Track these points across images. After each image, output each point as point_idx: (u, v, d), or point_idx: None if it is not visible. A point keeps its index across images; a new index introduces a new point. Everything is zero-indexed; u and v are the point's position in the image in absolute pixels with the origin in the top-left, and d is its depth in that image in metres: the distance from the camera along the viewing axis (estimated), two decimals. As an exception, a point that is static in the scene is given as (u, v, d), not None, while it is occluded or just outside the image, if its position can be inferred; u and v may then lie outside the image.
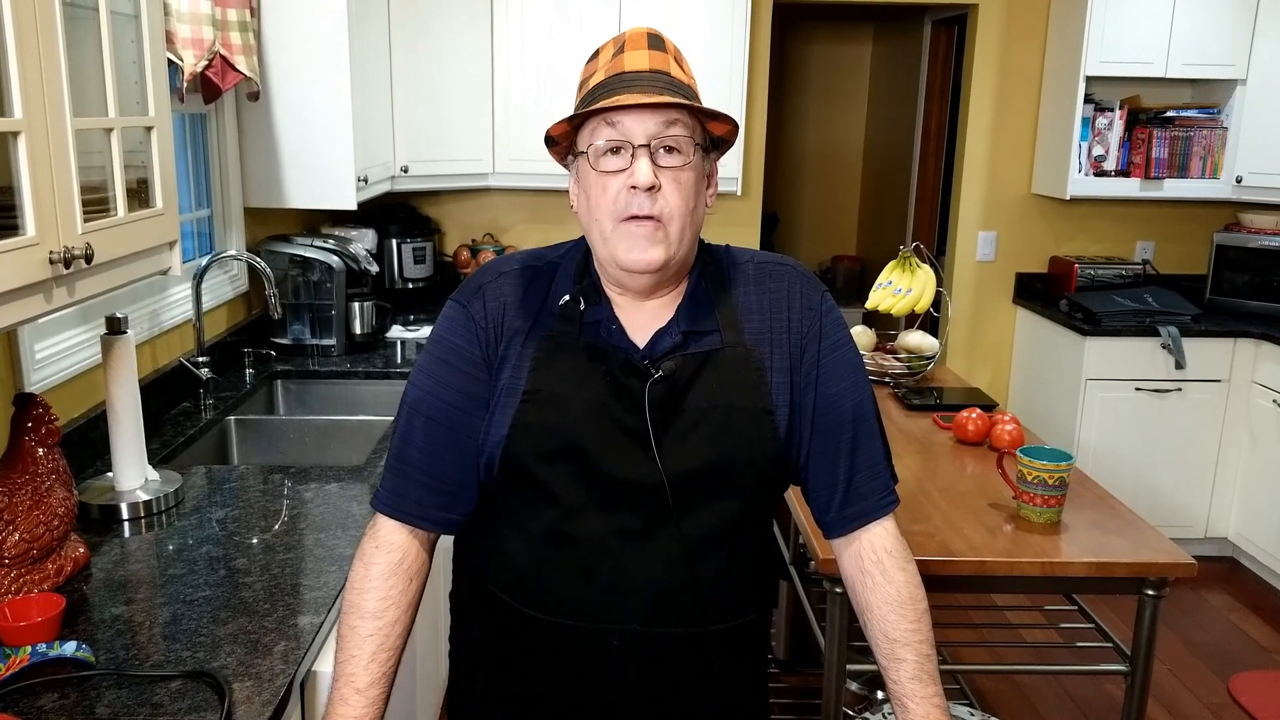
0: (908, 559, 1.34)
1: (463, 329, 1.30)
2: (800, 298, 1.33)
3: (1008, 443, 2.42)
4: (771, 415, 1.27)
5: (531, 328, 1.29)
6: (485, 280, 1.34)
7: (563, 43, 3.93)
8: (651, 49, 1.25)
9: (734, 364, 1.28)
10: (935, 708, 1.29)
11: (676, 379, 1.25)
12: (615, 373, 1.25)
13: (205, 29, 2.42)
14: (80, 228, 1.50)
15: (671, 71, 1.24)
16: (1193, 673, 3.41)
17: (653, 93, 1.20)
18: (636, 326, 1.29)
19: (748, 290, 1.32)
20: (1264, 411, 4.02)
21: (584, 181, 1.27)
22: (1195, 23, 4.10)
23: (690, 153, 1.22)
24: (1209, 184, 4.32)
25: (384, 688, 1.28)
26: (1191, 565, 1.93)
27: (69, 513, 1.67)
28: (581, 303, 1.28)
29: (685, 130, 1.22)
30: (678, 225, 1.23)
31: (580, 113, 1.23)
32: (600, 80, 1.24)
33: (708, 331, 1.28)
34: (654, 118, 1.20)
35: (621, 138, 1.20)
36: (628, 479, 1.23)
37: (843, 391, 1.32)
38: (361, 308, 3.37)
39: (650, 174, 1.19)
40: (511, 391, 1.26)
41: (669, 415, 1.24)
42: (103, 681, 1.38)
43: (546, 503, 1.25)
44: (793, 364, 1.30)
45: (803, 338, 1.31)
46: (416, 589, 1.32)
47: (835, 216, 6.86)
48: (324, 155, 3.09)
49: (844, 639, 1.98)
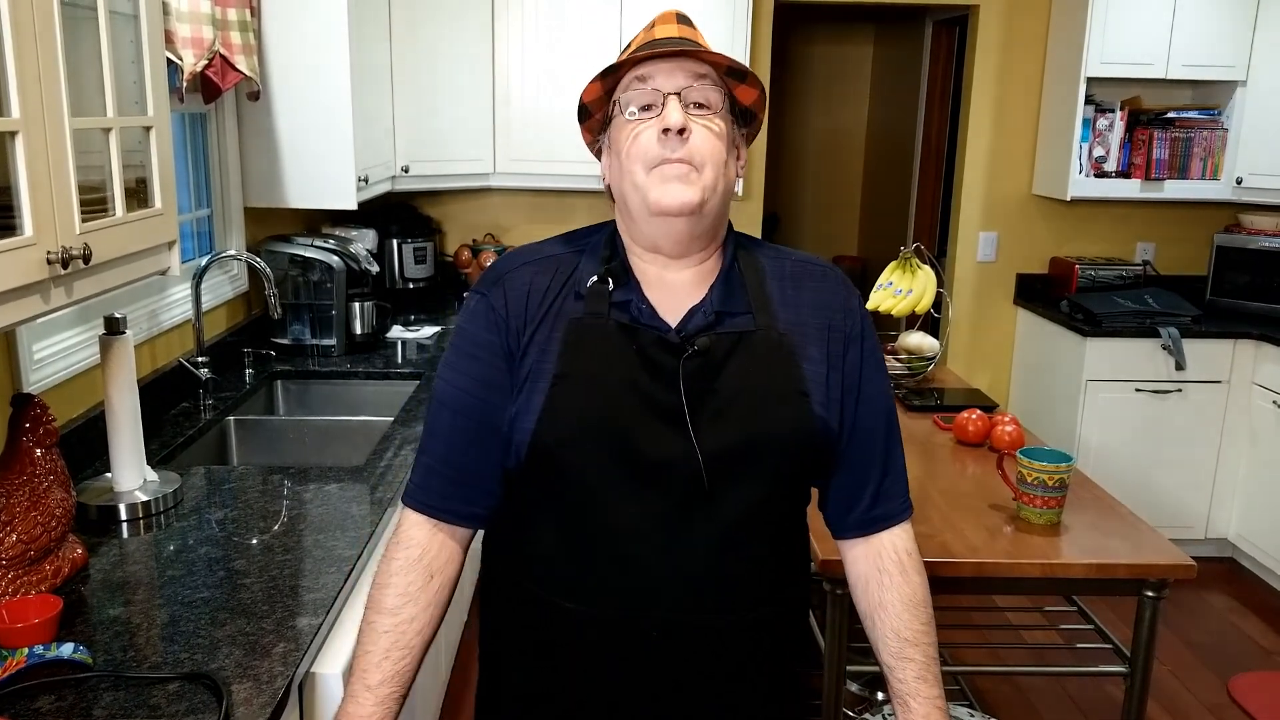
0: (923, 568, 1.36)
1: (484, 319, 1.30)
2: (843, 299, 1.34)
3: (1008, 444, 2.41)
4: (807, 398, 1.27)
5: (558, 312, 1.28)
6: (507, 269, 1.33)
7: (564, 42, 3.93)
8: (681, 23, 1.29)
9: (767, 346, 1.27)
10: (937, 709, 1.30)
11: (711, 356, 1.24)
12: (648, 350, 1.24)
13: (205, 28, 2.42)
14: (78, 228, 1.50)
15: (700, 41, 1.27)
16: (1192, 673, 3.40)
17: (683, 50, 1.24)
18: (667, 306, 1.28)
19: (783, 283, 1.33)
20: (1264, 412, 4.01)
21: (616, 140, 1.28)
22: (1196, 24, 4.10)
23: (719, 104, 1.25)
24: (1209, 185, 4.32)
25: (396, 687, 1.26)
26: (1191, 566, 1.93)
27: (67, 514, 1.66)
28: (610, 283, 1.28)
29: (714, 86, 1.25)
30: (711, 172, 1.24)
31: (612, 64, 1.26)
32: (631, 50, 1.28)
33: (740, 313, 1.28)
34: (683, 71, 1.24)
35: (653, 90, 1.23)
36: (663, 459, 1.21)
37: (879, 395, 1.35)
38: (362, 308, 3.36)
39: (681, 115, 1.21)
40: (539, 376, 1.25)
41: (703, 393, 1.23)
42: (100, 683, 1.37)
43: (577, 488, 1.24)
44: (832, 361, 1.30)
45: (845, 338, 1.32)
46: (438, 587, 1.30)
47: (836, 217, 6.87)
48: (324, 155, 3.09)
49: (844, 639, 1.98)
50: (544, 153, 3.98)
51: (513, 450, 1.27)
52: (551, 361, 1.25)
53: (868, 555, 1.36)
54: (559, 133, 3.91)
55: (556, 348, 1.26)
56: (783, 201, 6.72)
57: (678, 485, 1.22)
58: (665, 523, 1.23)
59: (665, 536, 1.23)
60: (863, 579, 1.37)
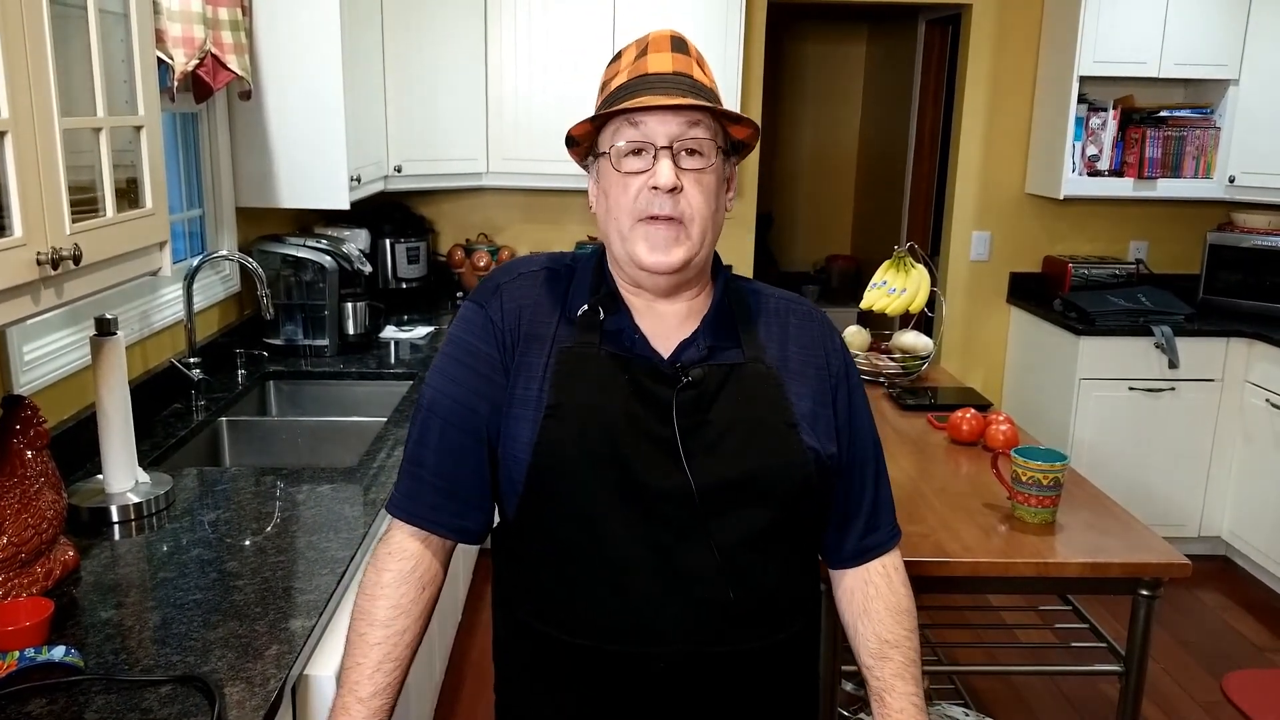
0: (908, 581, 1.39)
1: (480, 330, 1.29)
2: (827, 339, 1.36)
3: (1002, 443, 2.41)
4: (796, 430, 1.27)
5: (550, 335, 1.27)
6: (504, 280, 1.32)
7: (558, 40, 3.93)
8: (675, 51, 1.25)
9: (756, 380, 1.28)
10: (913, 705, 1.30)
11: (704, 387, 1.24)
12: (641, 381, 1.24)
13: (196, 28, 2.41)
14: (69, 228, 1.49)
15: (694, 74, 1.24)
16: (1187, 672, 3.41)
17: (676, 94, 1.20)
18: (659, 337, 1.28)
19: (769, 320, 1.34)
20: (1257, 411, 4.02)
21: (605, 182, 1.26)
22: (1188, 23, 4.10)
23: (712, 155, 1.23)
24: (1202, 184, 4.33)
25: (388, 699, 1.25)
26: (1186, 565, 1.93)
27: (58, 515, 1.65)
28: (600, 312, 1.27)
29: (707, 133, 1.22)
30: (699, 227, 1.23)
31: (603, 113, 1.23)
32: (623, 82, 1.24)
33: (730, 346, 1.29)
34: (676, 119, 1.20)
35: (644, 138, 1.20)
36: (659, 489, 1.21)
37: (865, 429, 1.38)
38: (355, 308, 3.35)
39: (672, 175, 1.19)
40: (528, 403, 1.24)
41: (696, 424, 1.23)
42: (91, 686, 1.36)
43: (576, 521, 1.22)
44: (822, 399, 1.31)
45: (834, 378, 1.33)
46: (429, 598, 1.30)
47: (830, 216, 6.87)
48: (316, 155, 3.08)
49: (837, 639, 1.97)
50: (538, 152, 3.97)
51: (507, 480, 1.26)
52: (544, 390, 1.24)
53: (855, 572, 1.39)
54: (553, 132, 3.90)
55: (550, 377, 1.25)
56: (776, 201, 6.72)
57: (675, 516, 1.21)
58: (665, 553, 1.21)
59: (666, 567, 1.21)
60: (848, 590, 1.38)
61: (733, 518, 1.23)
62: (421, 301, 4.19)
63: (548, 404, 1.23)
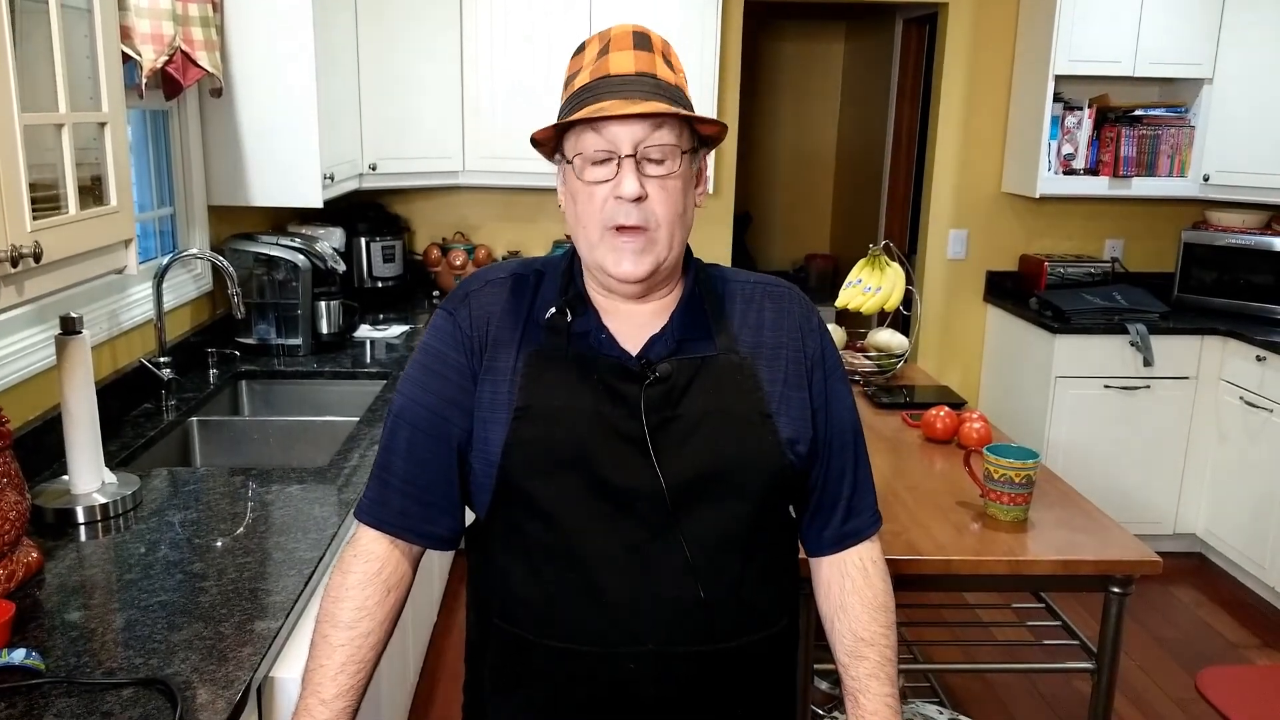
0: (887, 574, 1.37)
1: (449, 337, 1.28)
2: (803, 318, 1.34)
3: (976, 441, 2.42)
4: (770, 419, 1.26)
5: (518, 339, 1.26)
6: (472, 288, 1.32)
7: (534, 39, 3.91)
8: (637, 49, 1.22)
9: (729, 370, 1.26)
10: (887, 707, 1.29)
11: (673, 383, 1.23)
12: (608, 379, 1.23)
13: (165, 24, 2.38)
14: (29, 225, 1.47)
15: (658, 72, 1.22)
16: (1161, 668, 3.42)
17: (639, 98, 1.18)
18: (627, 335, 1.27)
19: (745, 308, 1.32)
20: (1231, 408, 4.05)
21: (570, 187, 1.25)
22: (1163, 23, 4.13)
23: (677, 162, 1.21)
24: (1177, 182, 4.36)
25: (351, 701, 1.24)
26: (1157, 563, 1.94)
27: (20, 516, 1.63)
28: (568, 314, 1.26)
29: (672, 135, 1.20)
30: (665, 232, 1.22)
31: (564, 121, 1.21)
32: (585, 82, 1.22)
33: (701, 338, 1.27)
34: (640, 123, 1.18)
35: (607, 145, 1.19)
36: (630, 487, 1.20)
37: (845, 411, 1.36)
38: (328, 307, 3.33)
39: (637, 186, 1.18)
40: (497, 407, 1.24)
41: (666, 420, 1.22)
42: (52, 690, 1.35)
43: (547, 521, 1.22)
44: (797, 382, 1.29)
45: (809, 359, 1.32)
46: (394, 601, 1.29)
47: (808, 215, 6.87)
48: (289, 152, 3.05)
49: (812, 637, 1.97)
50: (514, 150, 3.95)
51: (478, 483, 1.26)
52: (512, 394, 1.24)
53: (833, 562, 1.37)
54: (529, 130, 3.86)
55: (518, 380, 1.24)
56: (754, 200, 6.72)
57: (647, 514, 1.20)
58: (637, 551, 1.21)
59: (638, 565, 1.21)
60: (825, 582, 1.37)
61: (707, 514, 1.22)
62: (397, 300, 4.16)
63: (516, 406, 1.23)
